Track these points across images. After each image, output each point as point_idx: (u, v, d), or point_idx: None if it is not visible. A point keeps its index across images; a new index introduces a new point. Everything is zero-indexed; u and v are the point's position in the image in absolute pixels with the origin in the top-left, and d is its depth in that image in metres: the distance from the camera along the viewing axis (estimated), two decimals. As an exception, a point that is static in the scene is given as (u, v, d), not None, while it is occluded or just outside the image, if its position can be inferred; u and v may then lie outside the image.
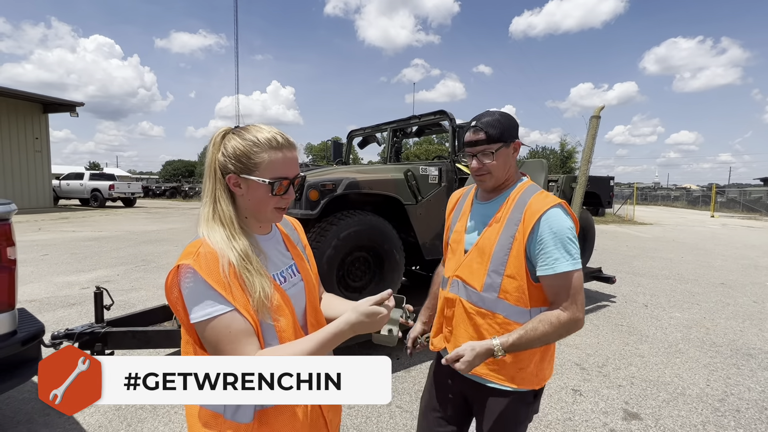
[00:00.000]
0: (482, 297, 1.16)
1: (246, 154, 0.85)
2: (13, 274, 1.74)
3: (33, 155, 16.94)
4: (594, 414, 2.50)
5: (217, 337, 0.78)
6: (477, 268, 1.17)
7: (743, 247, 9.91)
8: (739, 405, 2.64)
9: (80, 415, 2.41)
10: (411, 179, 3.06)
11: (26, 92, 16.16)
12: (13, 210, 1.79)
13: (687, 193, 34.39)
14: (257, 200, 0.87)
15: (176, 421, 2.35)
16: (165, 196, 29.97)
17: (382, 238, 2.88)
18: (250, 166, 0.85)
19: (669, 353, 3.46)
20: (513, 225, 1.12)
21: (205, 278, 0.78)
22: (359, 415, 2.45)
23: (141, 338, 2.70)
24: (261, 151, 0.85)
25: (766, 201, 23.36)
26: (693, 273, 6.80)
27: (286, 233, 1.04)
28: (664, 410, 2.56)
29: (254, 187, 0.86)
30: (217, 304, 0.78)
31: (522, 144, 1.21)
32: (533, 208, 1.10)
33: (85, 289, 5.12)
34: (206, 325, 0.78)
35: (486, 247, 1.16)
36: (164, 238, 9.72)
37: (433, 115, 3.63)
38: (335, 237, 2.65)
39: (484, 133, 1.15)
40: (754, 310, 4.76)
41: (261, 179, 0.85)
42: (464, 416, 1.32)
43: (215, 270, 0.79)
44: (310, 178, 2.67)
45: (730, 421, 2.46)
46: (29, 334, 1.83)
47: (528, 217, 1.09)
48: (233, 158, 0.86)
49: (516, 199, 1.16)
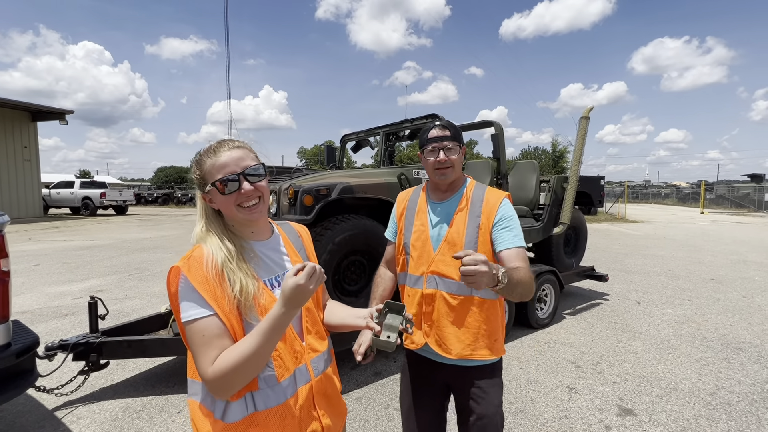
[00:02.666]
0: (460, 285, 1.27)
1: (198, 171, 0.92)
2: (6, 286, 1.73)
3: (22, 164, 16.71)
4: (589, 411, 2.54)
5: (192, 339, 0.82)
6: (451, 261, 1.27)
7: (732, 243, 10.08)
8: (730, 398, 2.69)
9: (77, 425, 2.39)
10: (404, 182, 3.09)
11: (14, 101, 15.94)
12: (6, 221, 1.79)
13: (677, 191, 34.88)
14: (222, 206, 0.91)
15: (173, 430, 2.34)
16: (157, 203, 29.68)
17: (377, 241, 2.90)
18: (203, 178, 0.92)
19: (661, 349, 3.52)
20: (476, 217, 1.30)
21: (191, 281, 0.82)
22: (358, 419, 2.46)
23: (136, 347, 2.69)
24: (203, 162, 0.91)
25: (753, 197, 23.77)
26: (684, 269, 6.90)
27: (289, 240, 1.05)
28: (657, 405, 2.60)
29: (214, 195, 0.91)
30: (199, 308, 0.82)
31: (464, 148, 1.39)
32: (491, 201, 1.31)
33: (77, 299, 5.06)
34: (187, 326, 0.82)
35: (456, 239, 1.29)
36: (158, 245, 9.64)
37: (425, 118, 3.66)
38: (330, 241, 2.67)
39: (448, 130, 1.31)
40: (744, 304, 4.85)
41: (210, 185, 0.89)
42: (444, 403, 1.44)
43: (201, 272, 0.83)
44: (304, 184, 2.68)
45: (722, 414, 2.51)
46: (24, 345, 1.82)
47: (489, 208, 1.29)
48: (196, 179, 0.94)
49: (471, 196, 1.35)
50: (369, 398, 2.70)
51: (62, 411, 2.55)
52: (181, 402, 2.66)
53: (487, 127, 3.98)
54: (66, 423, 2.42)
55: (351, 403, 2.63)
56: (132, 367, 3.16)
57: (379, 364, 3.18)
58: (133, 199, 21.79)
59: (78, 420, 2.46)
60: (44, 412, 2.54)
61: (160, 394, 2.76)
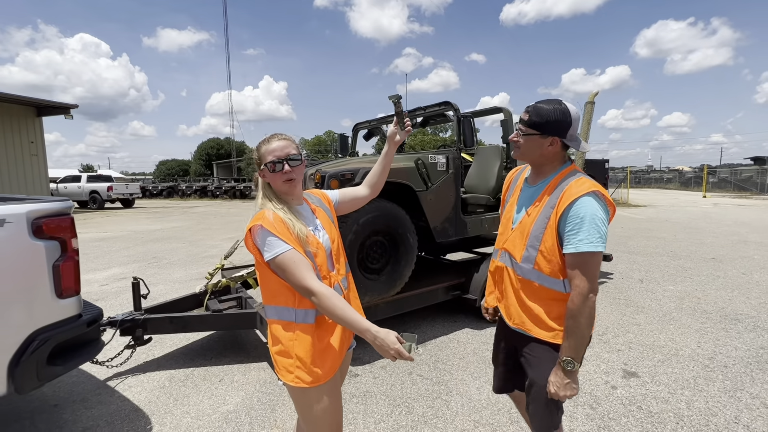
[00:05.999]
0: (521, 267, 1.37)
1: (257, 154, 1.31)
2: (77, 263, 1.94)
3: (30, 159, 16.87)
4: (596, 374, 2.76)
5: (285, 266, 1.17)
6: (518, 243, 1.38)
7: (733, 224, 10.25)
8: (727, 362, 2.91)
9: (129, 392, 2.64)
10: (421, 167, 3.27)
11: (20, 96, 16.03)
12: (72, 206, 1.98)
13: (680, 175, 34.84)
14: (272, 180, 1.29)
15: (218, 395, 2.58)
16: (162, 196, 29.93)
17: (396, 223, 3.09)
18: (260, 159, 1.30)
19: (663, 321, 3.73)
20: (549, 208, 1.28)
21: (270, 230, 1.19)
22: (385, 383, 2.69)
23: (178, 323, 2.92)
24: (259, 149, 1.31)
25: (756, 180, 23.80)
26: (685, 250, 7.10)
27: (312, 203, 1.43)
28: (659, 369, 2.82)
29: (266, 173, 1.29)
30: (283, 245, 1.18)
31: (564, 142, 1.31)
32: (567, 194, 1.25)
33: (104, 286, 5.31)
34: (275, 259, 1.17)
35: (526, 226, 1.36)
36: (170, 236, 9.88)
37: (438, 106, 3.81)
38: (355, 223, 2.86)
39: (528, 114, 1.32)
40: (743, 281, 5.05)
41: (264, 165, 1.28)
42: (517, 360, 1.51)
43: (274, 224, 1.20)
44: (329, 169, 2.87)
45: (719, 375, 2.73)
46: (92, 316, 2.04)
47: (563, 201, 1.24)
48: (256, 161, 1.33)
49: (556, 185, 1.31)
50: (393, 366, 2.93)
51: (113, 381, 2.80)
52: (220, 372, 2.90)
53: (496, 113, 4.13)
54: (119, 391, 2.67)
55: (377, 371, 2.86)
56: (170, 344, 3.40)
57: (399, 337, 3.41)
58: (140, 193, 22.02)
59: (130, 388, 2.70)
60: (97, 383, 2.78)
61: (200, 366, 3.00)
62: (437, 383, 2.69)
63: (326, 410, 1.29)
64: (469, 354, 3.12)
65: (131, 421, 2.32)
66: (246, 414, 2.37)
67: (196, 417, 2.35)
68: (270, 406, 2.44)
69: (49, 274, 1.78)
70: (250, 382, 2.74)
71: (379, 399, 2.51)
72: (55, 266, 1.80)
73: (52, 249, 1.79)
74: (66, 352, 1.89)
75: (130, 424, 2.29)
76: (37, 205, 1.77)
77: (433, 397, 2.51)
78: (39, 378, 1.76)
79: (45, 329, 1.77)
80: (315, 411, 1.28)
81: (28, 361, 1.69)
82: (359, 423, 2.27)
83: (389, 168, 1.56)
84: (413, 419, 2.30)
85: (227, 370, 2.92)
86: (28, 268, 1.72)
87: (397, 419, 2.30)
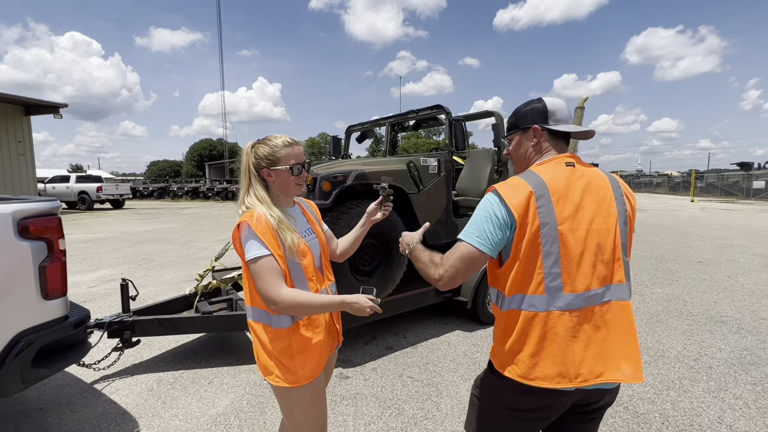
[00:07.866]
0: None
1: (273, 154, 1.29)
2: (64, 264, 1.92)
3: (17, 158, 16.58)
4: (585, 376, 2.79)
5: (260, 270, 1.18)
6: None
7: (720, 229, 10.44)
8: (711, 363, 2.97)
9: (117, 395, 2.60)
10: (413, 170, 3.29)
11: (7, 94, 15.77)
12: (59, 206, 1.96)
13: (668, 180, 35.45)
14: (284, 181, 1.31)
15: (207, 398, 2.56)
16: (153, 197, 29.61)
17: (389, 225, 3.10)
18: (275, 161, 1.29)
19: (651, 323, 3.79)
20: None
21: (255, 231, 1.19)
22: (375, 385, 2.69)
23: (167, 325, 2.89)
24: (281, 150, 1.29)
25: (742, 185, 24.28)
26: (673, 253, 7.21)
27: (304, 208, 1.47)
28: (646, 370, 2.86)
29: (280, 174, 1.30)
30: (263, 249, 1.19)
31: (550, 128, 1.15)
32: None
33: (92, 288, 5.23)
34: (253, 262, 1.19)
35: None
36: (160, 237, 9.78)
37: (430, 109, 3.84)
38: (347, 225, 2.86)
39: (508, 124, 1.26)
40: (728, 284, 5.15)
41: (284, 167, 1.29)
42: None
43: (261, 227, 1.20)
44: (321, 171, 2.87)
45: (703, 375, 2.78)
46: (79, 318, 2.01)
47: None
48: (264, 159, 1.29)
49: None
50: (383, 368, 2.93)
51: (100, 384, 2.76)
52: (210, 374, 2.87)
53: (488, 117, 4.17)
54: (106, 394, 2.63)
55: (368, 373, 2.86)
56: (158, 346, 3.36)
57: (391, 339, 3.42)
58: (130, 193, 21.76)
59: (117, 391, 2.66)
60: (84, 386, 2.74)
61: (189, 368, 2.98)
62: (428, 385, 2.70)
63: (309, 411, 1.31)
64: (460, 356, 3.14)
65: (118, 424, 2.29)
66: (235, 417, 2.35)
67: (185, 420, 2.33)
68: (259, 409, 2.43)
69: (35, 274, 1.76)
70: (240, 385, 2.72)
71: (370, 401, 2.51)
72: (42, 267, 1.78)
73: (38, 249, 1.77)
74: (52, 354, 1.87)
75: (117, 427, 2.26)
76: (24, 205, 1.75)
77: (423, 399, 2.52)
78: (23, 380, 1.73)
79: (30, 331, 1.75)
80: (298, 411, 1.30)
81: (12, 364, 1.67)
82: (349, 425, 2.27)
83: (362, 239, 1.61)
84: (403, 421, 2.30)
85: (217, 373, 2.90)
86: (13, 269, 1.70)
87: (387, 421, 2.30)
